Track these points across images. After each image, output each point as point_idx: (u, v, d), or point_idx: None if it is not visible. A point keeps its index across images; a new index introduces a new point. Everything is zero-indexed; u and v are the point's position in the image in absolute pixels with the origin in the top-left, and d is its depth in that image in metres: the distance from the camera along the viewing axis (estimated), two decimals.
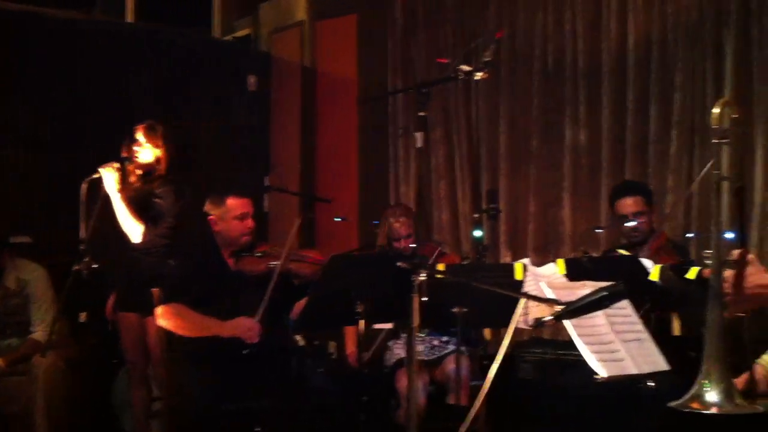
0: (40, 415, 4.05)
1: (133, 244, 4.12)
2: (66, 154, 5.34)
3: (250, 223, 3.78)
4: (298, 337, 4.23)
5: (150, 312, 3.87)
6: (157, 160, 4.21)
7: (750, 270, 2.02)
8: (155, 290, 3.65)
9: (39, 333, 4.18)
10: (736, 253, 1.97)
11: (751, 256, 2.03)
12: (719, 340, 1.98)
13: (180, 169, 4.28)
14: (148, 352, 4.15)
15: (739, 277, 1.98)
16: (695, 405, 1.95)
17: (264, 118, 6.57)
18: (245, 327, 3.49)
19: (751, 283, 2.00)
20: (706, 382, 1.95)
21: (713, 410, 1.92)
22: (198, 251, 3.92)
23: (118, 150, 4.20)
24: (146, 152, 4.19)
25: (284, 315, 3.91)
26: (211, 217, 3.77)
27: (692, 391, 1.97)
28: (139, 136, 4.19)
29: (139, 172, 4.20)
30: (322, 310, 3.33)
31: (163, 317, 3.57)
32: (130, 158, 4.15)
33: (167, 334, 3.63)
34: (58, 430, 4.11)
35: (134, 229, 4.07)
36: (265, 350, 3.56)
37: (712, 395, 1.94)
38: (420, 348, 4.02)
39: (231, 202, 3.76)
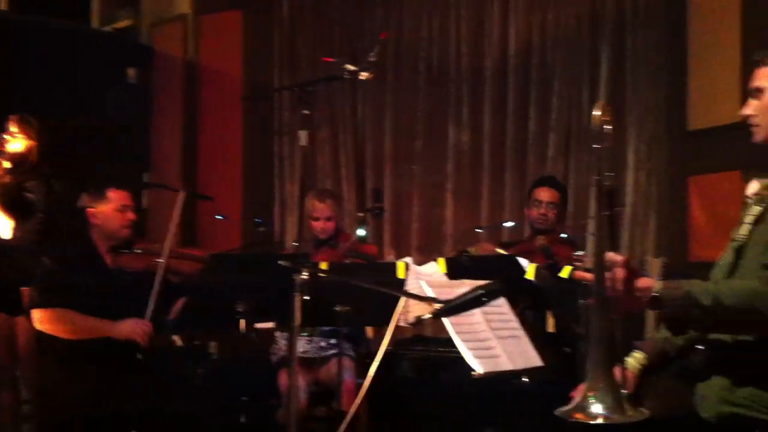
0: None
1: (1, 240, 3.92)
2: None
3: (130, 215, 3.71)
4: (175, 337, 4.13)
5: (19, 312, 3.71)
6: (29, 153, 4.02)
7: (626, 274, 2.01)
8: (25, 289, 3.50)
9: None
10: (612, 257, 1.98)
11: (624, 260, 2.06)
12: (604, 348, 1.96)
13: (52, 162, 4.11)
14: (17, 353, 3.96)
15: (627, 281, 1.95)
16: (580, 416, 1.93)
17: (144, 112, 6.38)
18: (138, 329, 3.39)
19: (633, 286, 1.98)
20: (592, 394, 1.92)
21: (599, 420, 1.90)
22: (72, 248, 3.79)
23: None
24: (16, 144, 3.99)
25: (163, 314, 3.83)
26: (89, 210, 3.66)
27: (577, 401, 1.95)
28: (11, 127, 3.99)
29: (7, 164, 4.00)
30: (202, 309, 3.27)
31: (45, 322, 3.43)
32: (6, 148, 3.95)
33: (38, 335, 3.48)
34: None
35: (2, 224, 3.88)
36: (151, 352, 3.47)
37: (597, 407, 1.92)
38: (307, 348, 4.00)
39: (111, 194, 3.69)
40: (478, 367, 2.66)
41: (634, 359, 2.26)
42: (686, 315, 1.92)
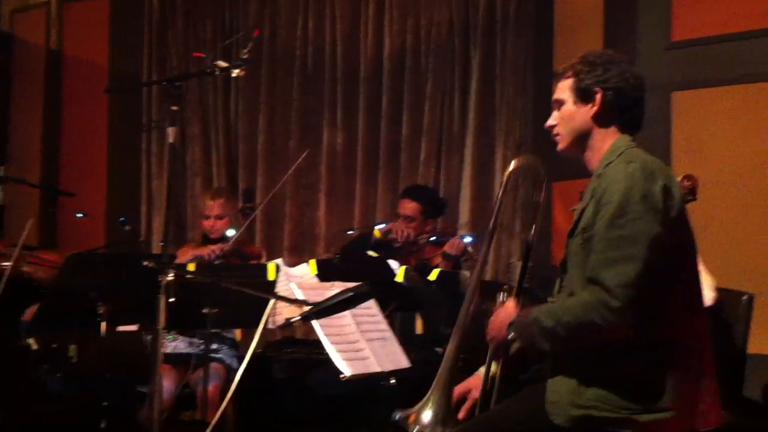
0: None
1: None
2: None
3: None
4: (31, 341, 3.92)
5: None
6: None
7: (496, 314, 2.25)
8: None
9: None
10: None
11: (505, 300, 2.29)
12: (450, 371, 2.25)
13: None
14: None
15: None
16: (411, 420, 2.19)
17: (3, 102, 6.05)
18: None
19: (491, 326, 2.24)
20: (427, 404, 2.20)
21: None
22: None
23: None
24: None
25: (16, 317, 3.63)
26: None
27: (415, 408, 2.21)
28: None
29: None
30: (59, 311, 3.12)
31: None
32: None
33: None
34: None
35: None
36: None
37: (427, 415, 2.19)
38: (189, 349, 3.89)
39: None
40: (347, 370, 2.67)
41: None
42: (533, 338, 2.09)
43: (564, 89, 2.23)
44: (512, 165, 2.43)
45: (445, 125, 4.77)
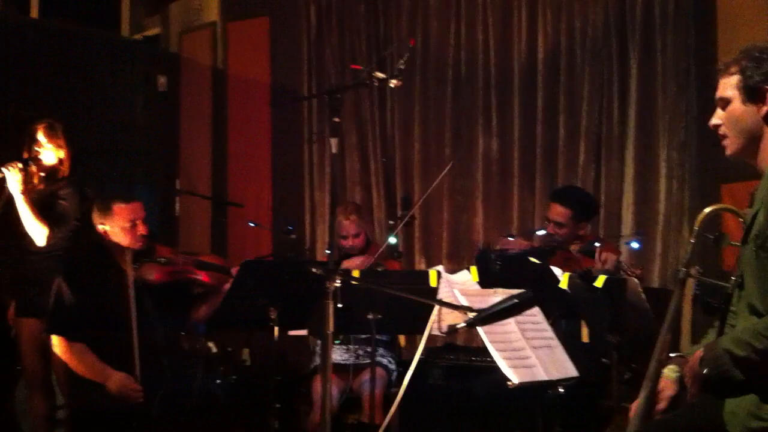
0: None
1: (35, 246, 3.96)
2: None
3: (140, 229, 3.57)
4: (210, 344, 4.15)
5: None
6: (60, 161, 4.07)
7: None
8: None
9: None
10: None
11: None
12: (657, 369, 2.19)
13: (83, 169, 4.15)
14: (49, 358, 3.99)
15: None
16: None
17: (173, 119, 6.43)
18: (125, 390, 3.35)
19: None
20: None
21: None
22: (93, 262, 3.74)
23: (20, 149, 4.05)
24: (49, 153, 4.04)
25: (183, 321, 3.83)
26: (99, 226, 3.54)
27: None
28: (40, 136, 4.04)
29: (42, 173, 4.05)
30: (234, 315, 3.29)
31: (60, 350, 3.45)
32: (33, 159, 4.00)
33: None
34: None
35: (39, 232, 3.92)
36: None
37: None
38: (344, 355, 4.01)
39: (117, 208, 3.54)
40: (514, 377, 2.66)
41: (669, 370, 2.26)
42: (726, 370, 2.00)
43: (729, 87, 2.12)
44: (704, 212, 2.28)
45: (604, 127, 4.66)
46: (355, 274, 3.42)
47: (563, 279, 3.19)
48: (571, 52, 4.79)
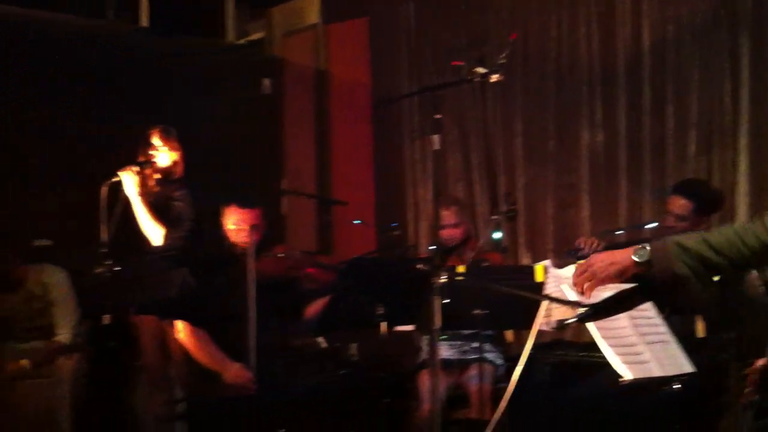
0: (64, 415, 4.08)
1: (152, 247, 4.14)
2: (86, 158, 5.37)
3: (245, 235, 3.66)
4: (320, 339, 4.23)
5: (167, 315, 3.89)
6: (174, 164, 4.24)
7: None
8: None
9: (63, 335, 4.20)
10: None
11: None
12: None
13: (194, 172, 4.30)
14: (169, 353, 4.16)
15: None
16: None
17: (277, 121, 6.59)
18: (239, 380, 3.47)
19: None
20: None
21: None
22: (214, 256, 3.93)
23: (136, 154, 4.23)
24: (164, 156, 4.21)
25: (296, 317, 3.92)
26: (222, 219, 3.78)
27: None
28: (155, 140, 4.21)
29: (157, 176, 4.22)
30: (343, 312, 3.34)
31: (184, 336, 3.59)
32: (148, 162, 4.17)
33: None
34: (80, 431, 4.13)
35: (155, 232, 4.10)
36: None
37: None
38: (451, 351, 4.03)
39: (230, 210, 3.74)
40: (627, 373, 2.61)
41: None
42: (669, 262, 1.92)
43: None
44: None
45: (715, 117, 4.51)
46: (461, 269, 3.42)
47: None
48: (678, 41, 4.64)
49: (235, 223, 3.71)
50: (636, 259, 2.01)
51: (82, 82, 5.48)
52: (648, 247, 2.00)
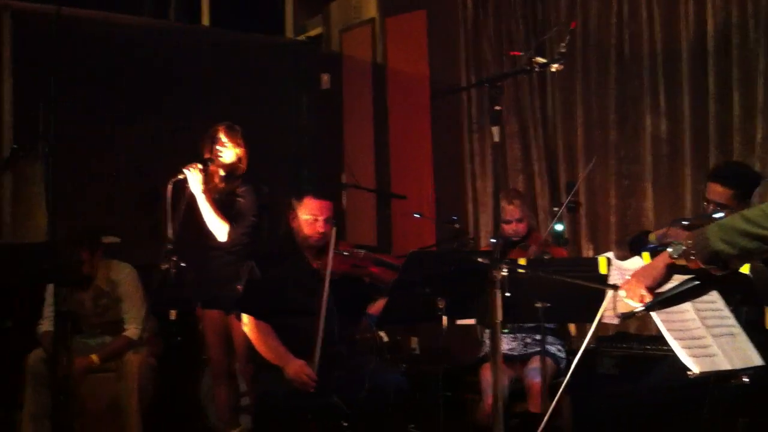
0: (131, 409, 4.18)
1: (217, 242, 4.20)
2: (150, 155, 5.49)
3: (319, 226, 3.76)
4: (381, 333, 4.25)
5: (233, 310, 3.95)
6: (239, 160, 4.29)
7: None
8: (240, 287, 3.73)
9: (131, 330, 4.30)
10: None
11: None
12: None
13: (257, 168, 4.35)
14: (232, 348, 4.23)
15: None
16: None
17: (336, 116, 6.63)
18: (300, 376, 3.49)
19: None
20: None
21: None
22: (278, 250, 3.98)
23: (197, 150, 4.30)
24: (228, 152, 4.27)
25: (360, 313, 3.94)
26: (291, 212, 3.82)
27: None
28: (221, 136, 4.27)
29: (222, 172, 4.29)
30: (404, 306, 3.34)
31: (249, 329, 3.64)
32: (213, 159, 4.24)
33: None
34: (147, 424, 4.22)
35: (220, 229, 4.16)
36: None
37: None
38: (512, 345, 4.00)
39: (307, 200, 3.78)
40: (694, 366, 2.56)
41: None
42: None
43: None
44: None
45: None
46: (522, 262, 3.40)
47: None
48: (743, 24, 4.51)
49: (311, 214, 3.74)
50: (671, 253, 2.05)
51: (144, 80, 5.60)
52: (681, 243, 2.02)
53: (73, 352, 4.05)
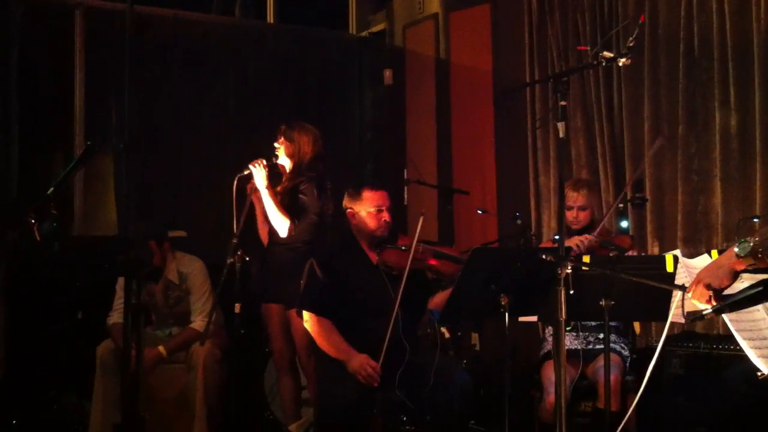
0: (198, 400, 4.27)
1: (279, 238, 4.26)
2: (216, 152, 5.60)
3: (385, 216, 3.80)
4: (443, 330, 4.25)
5: (293, 303, 3.99)
6: (302, 156, 4.34)
7: None
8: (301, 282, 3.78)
9: (198, 323, 4.39)
10: None
11: None
12: None
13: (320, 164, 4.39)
14: (293, 341, 4.28)
15: None
16: None
17: (399, 111, 6.64)
18: (364, 370, 3.50)
19: None
20: None
21: None
22: (339, 247, 4.01)
23: (263, 146, 4.36)
24: (286, 150, 4.32)
25: (422, 308, 3.94)
26: (348, 210, 3.83)
27: None
28: (285, 134, 4.33)
29: (288, 167, 4.35)
30: (466, 302, 3.34)
31: (310, 326, 3.68)
32: (278, 155, 4.30)
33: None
34: (213, 415, 4.31)
35: (282, 224, 4.21)
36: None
37: None
38: (575, 342, 3.97)
39: (366, 194, 3.80)
40: (764, 368, 2.51)
41: None
42: None
43: None
44: None
45: None
46: (586, 259, 3.37)
47: None
48: None
49: (374, 206, 3.77)
50: (737, 251, 1.94)
51: (211, 78, 5.71)
52: (748, 240, 1.93)
53: (144, 343, 4.14)
